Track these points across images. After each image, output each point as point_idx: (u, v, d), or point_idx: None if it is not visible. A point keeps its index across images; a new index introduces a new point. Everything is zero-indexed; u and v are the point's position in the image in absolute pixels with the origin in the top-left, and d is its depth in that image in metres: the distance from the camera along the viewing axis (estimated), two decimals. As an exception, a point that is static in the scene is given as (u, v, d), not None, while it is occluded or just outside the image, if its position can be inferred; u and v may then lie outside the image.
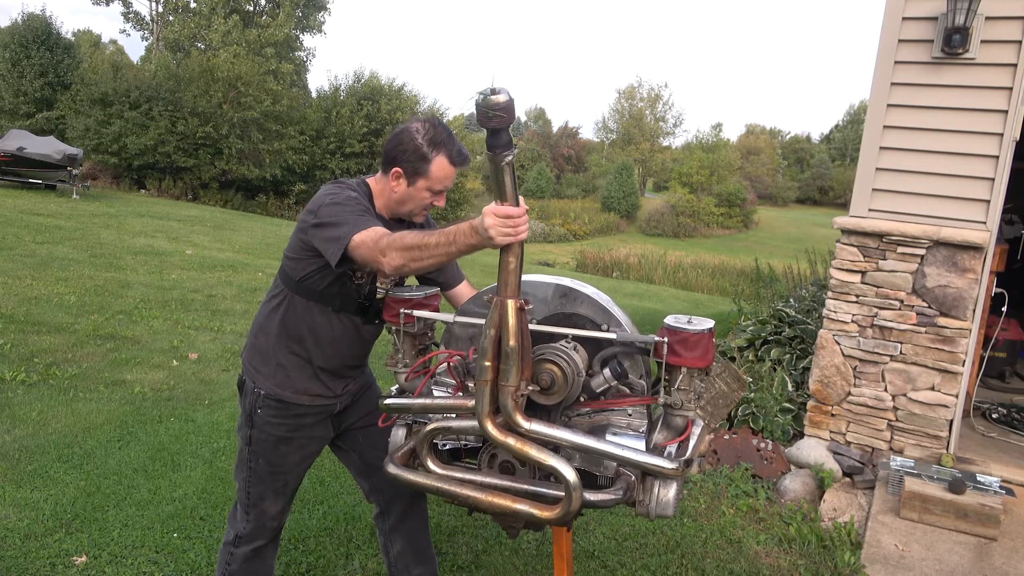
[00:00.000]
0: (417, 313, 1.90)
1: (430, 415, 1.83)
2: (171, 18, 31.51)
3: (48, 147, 14.78)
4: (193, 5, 31.25)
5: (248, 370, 2.13)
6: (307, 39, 35.52)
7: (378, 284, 2.04)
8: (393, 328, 1.94)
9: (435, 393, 1.92)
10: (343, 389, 2.19)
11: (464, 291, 2.23)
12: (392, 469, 1.81)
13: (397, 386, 1.97)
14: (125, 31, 53.73)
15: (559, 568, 2.11)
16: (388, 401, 1.87)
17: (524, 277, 1.79)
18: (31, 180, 14.71)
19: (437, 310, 1.98)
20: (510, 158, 1.34)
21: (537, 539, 3.19)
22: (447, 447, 1.90)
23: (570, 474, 1.54)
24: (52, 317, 6.11)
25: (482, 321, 1.61)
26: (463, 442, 1.87)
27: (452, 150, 1.93)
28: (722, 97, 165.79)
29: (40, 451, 3.71)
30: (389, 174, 1.97)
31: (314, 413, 2.14)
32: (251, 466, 2.14)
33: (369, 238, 1.74)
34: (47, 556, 2.79)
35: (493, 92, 1.23)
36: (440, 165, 1.93)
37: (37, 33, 22.23)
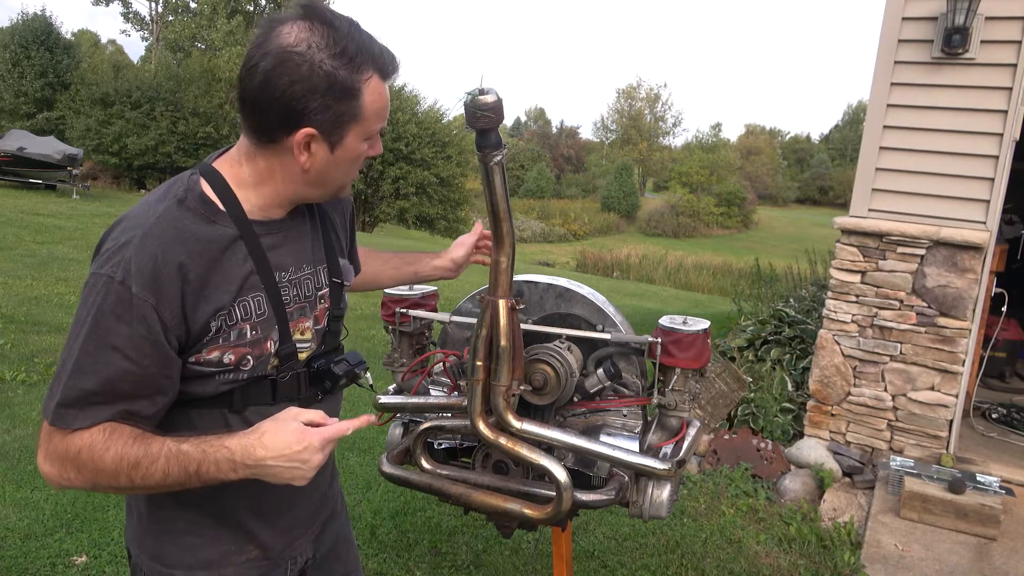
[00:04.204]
0: (413, 313, 1.90)
1: (425, 414, 1.83)
2: (171, 18, 31.54)
3: (48, 147, 14.80)
4: (193, 5, 31.28)
5: (127, 530, 1.29)
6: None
7: (296, 334, 1.21)
8: (390, 327, 1.94)
9: (432, 393, 1.92)
10: (292, 541, 1.31)
11: (370, 262, 1.67)
12: (387, 468, 1.81)
13: (394, 385, 1.97)
14: (125, 31, 53.96)
15: (559, 568, 2.11)
16: (381, 400, 1.87)
17: (520, 277, 1.80)
18: (31, 180, 14.72)
19: (435, 310, 1.98)
20: (499, 158, 1.32)
21: (537, 539, 3.19)
22: (443, 446, 1.90)
23: (561, 474, 1.53)
24: (52, 317, 6.11)
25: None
26: (459, 441, 1.88)
27: (379, 58, 1.11)
28: (722, 97, 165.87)
29: (39, 451, 3.71)
30: (283, 145, 1.10)
31: None
32: None
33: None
34: (47, 556, 2.79)
35: (481, 92, 1.22)
36: (374, 91, 1.10)
37: (37, 33, 22.25)
